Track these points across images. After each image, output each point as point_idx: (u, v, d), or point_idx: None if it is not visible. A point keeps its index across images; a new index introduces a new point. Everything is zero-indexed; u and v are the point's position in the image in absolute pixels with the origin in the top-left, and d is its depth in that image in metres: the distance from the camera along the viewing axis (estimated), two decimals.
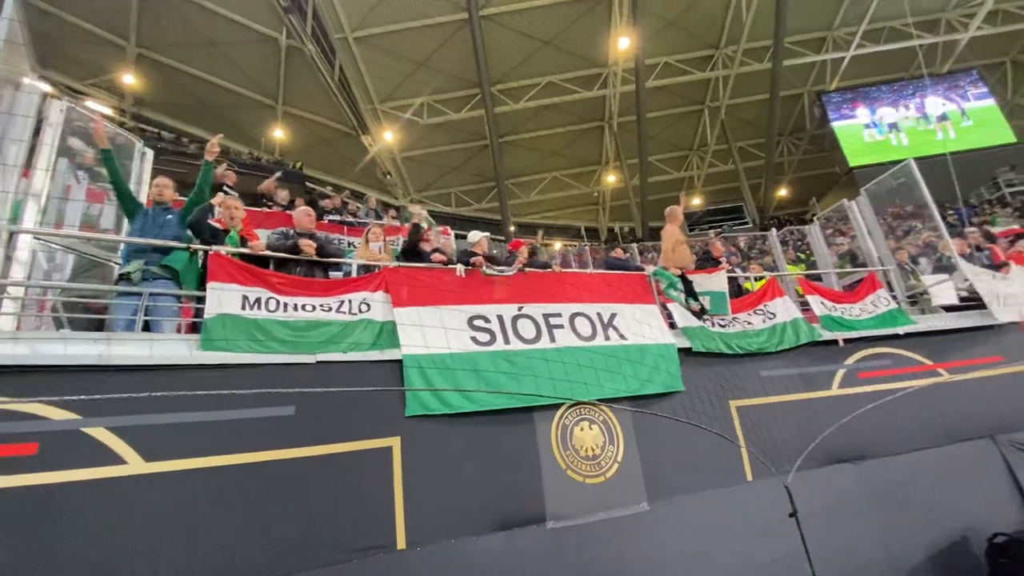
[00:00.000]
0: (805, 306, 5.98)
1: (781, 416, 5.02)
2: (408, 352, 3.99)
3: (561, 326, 4.58)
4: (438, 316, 4.27)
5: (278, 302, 3.79)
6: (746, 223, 25.12)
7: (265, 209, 7.79)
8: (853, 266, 8.06)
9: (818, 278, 7.38)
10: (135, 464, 3.05)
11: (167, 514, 3.08)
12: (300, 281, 4.01)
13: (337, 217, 8.53)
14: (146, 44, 18.50)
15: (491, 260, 4.77)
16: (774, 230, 8.97)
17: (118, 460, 3.03)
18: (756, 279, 6.88)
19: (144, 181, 5.08)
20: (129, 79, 19.20)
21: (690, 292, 5.42)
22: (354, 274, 4.51)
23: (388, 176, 23.32)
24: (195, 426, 3.20)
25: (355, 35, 18.35)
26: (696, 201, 26.36)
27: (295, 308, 3.84)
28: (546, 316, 4.58)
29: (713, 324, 5.30)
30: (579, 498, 4.13)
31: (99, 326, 3.76)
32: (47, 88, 3.40)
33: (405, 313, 4.20)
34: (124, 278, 3.72)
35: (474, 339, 4.27)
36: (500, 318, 4.43)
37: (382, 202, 11.28)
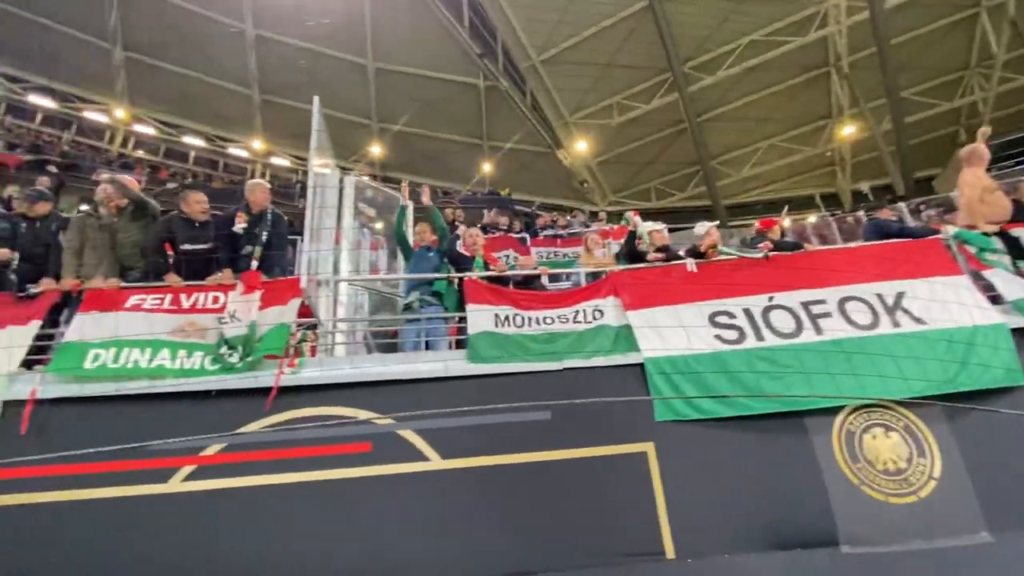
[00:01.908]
0: None
1: None
2: (649, 356, 3.89)
3: (827, 314, 3.89)
4: (675, 316, 4.07)
5: (523, 318, 4.13)
6: None
7: (491, 235, 8.74)
8: None
9: None
10: (436, 461, 3.65)
11: (458, 503, 3.59)
12: (538, 295, 4.30)
13: (551, 232, 9.01)
14: (384, 120, 22.91)
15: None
16: None
17: (423, 457, 3.67)
18: None
19: (408, 228, 6.17)
20: (376, 150, 24.02)
21: (1018, 252, 4.03)
22: (583, 283, 4.64)
23: (585, 184, 23.80)
24: (475, 429, 3.66)
25: (541, 58, 19.40)
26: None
27: (537, 322, 4.13)
28: (805, 304, 3.95)
29: None
30: (882, 521, 3.40)
31: (392, 348, 4.68)
32: (328, 170, 4.50)
33: (638, 316, 4.12)
34: (408, 307, 4.56)
35: (719, 337, 3.94)
36: (747, 312, 3.99)
37: (590, 212, 11.53)
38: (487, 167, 23.67)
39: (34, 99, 21.34)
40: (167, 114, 22.87)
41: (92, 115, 22.16)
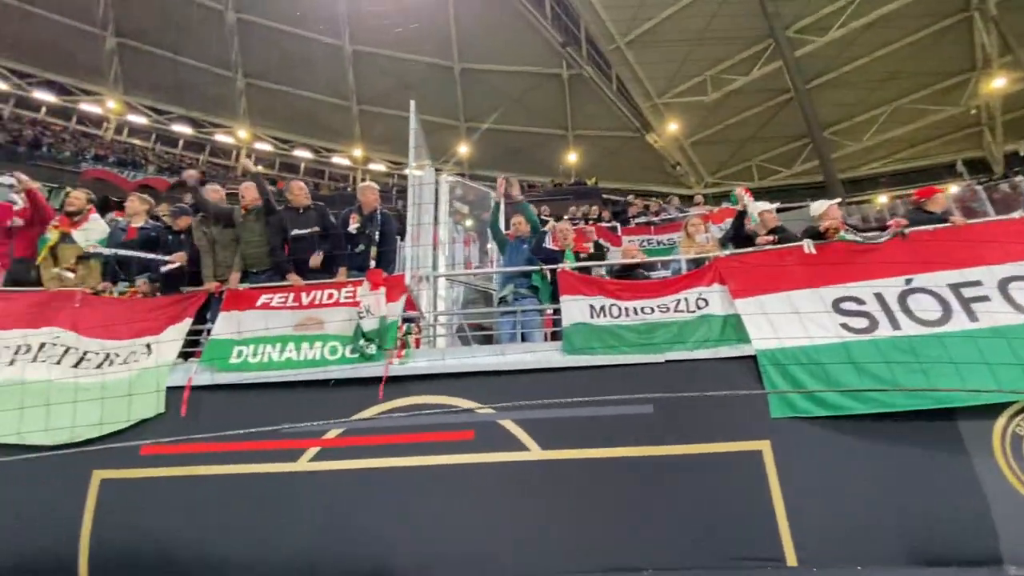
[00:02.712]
0: None
1: None
2: (761, 347, 3.60)
3: (984, 298, 3.33)
4: (790, 303, 3.73)
5: (620, 307, 4.01)
6: None
7: (578, 226, 8.62)
8: None
9: None
10: (535, 451, 3.68)
11: (558, 494, 3.58)
12: (635, 285, 4.16)
13: (643, 219, 8.68)
14: (471, 119, 23.49)
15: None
16: None
17: (523, 447, 3.71)
18: None
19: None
20: (463, 149, 24.73)
21: None
22: (683, 270, 4.40)
23: (678, 167, 22.65)
24: (574, 421, 3.63)
25: (626, 40, 18.72)
26: None
27: (635, 312, 3.99)
28: (954, 287, 3.41)
29: None
30: None
31: (488, 340, 4.79)
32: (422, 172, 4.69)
33: (748, 304, 3.83)
34: (502, 300, 4.64)
35: (845, 326, 3.53)
36: (879, 296, 3.54)
37: (683, 197, 10.95)
38: (572, 157, 23.39)
39: (176, 127, 24.75)
40: (281, 131, 25.35)
41: (221, 137, 25.21)
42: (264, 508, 3.65)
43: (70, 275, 4.22)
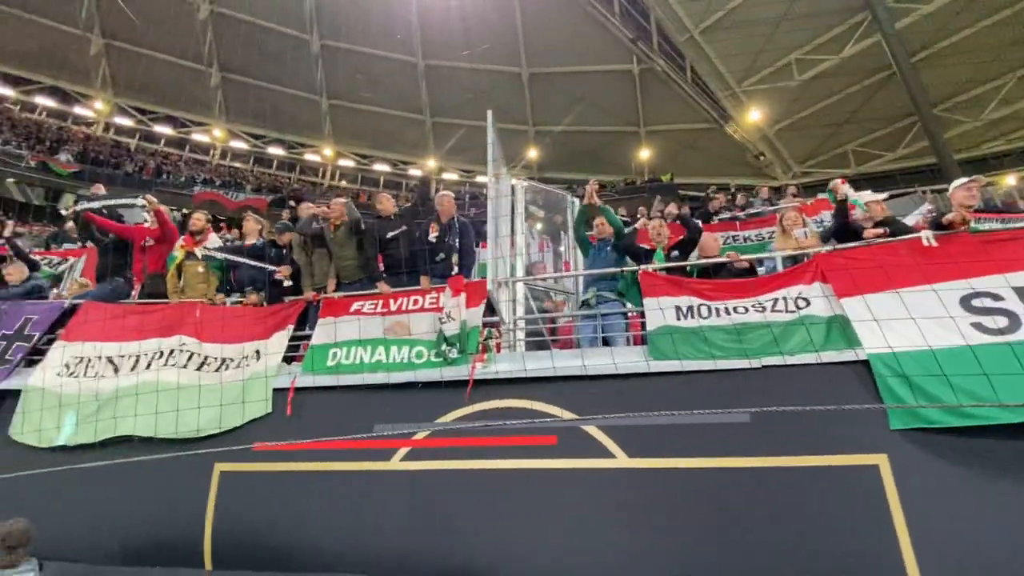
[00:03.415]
0: None
1: None
2: (875, 351, 3.25)
3: None
4: (907, 302, 3.34)
5: (710, 308, 3.81)
6: None
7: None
8: None
9: None
10: (621, 459, 3.58)
11: (645, 504, 3.46)
12: (727, 284, 3.93)
13: (728, 215, 8.21)
14: (539, 122, 23.58)
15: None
16: None
17: (608, 454, 3.63)
18: None
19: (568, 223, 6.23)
20: (532, 153, 24.86)
21: None
22: (779, 268, 4.10)
23: (762, 157, 21.26)
24: (664, 429, 3.49)
25: (700, 29, 17.92)
26: None
27: (727, 312, 3.77)
28: None
29: None
30: None
31: (568, 345, 4.74)
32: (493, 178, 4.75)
33: (857, 304, 3.48)
34: (585, 303, 4.58)
35: (978, 326, 3.11)
36: (1022, 292, 3.08)
37: (772, 188, 10.24)
38: (645, 154, 22.74)
39: (271, 150, 27.09)
40: (362, 147, 26.93)
41: (310, 156, 27.26)
42: (359, 503, 3.86)
43: (201, 285, 4.75)
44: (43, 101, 23.54)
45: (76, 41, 21.90)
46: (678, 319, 3.86)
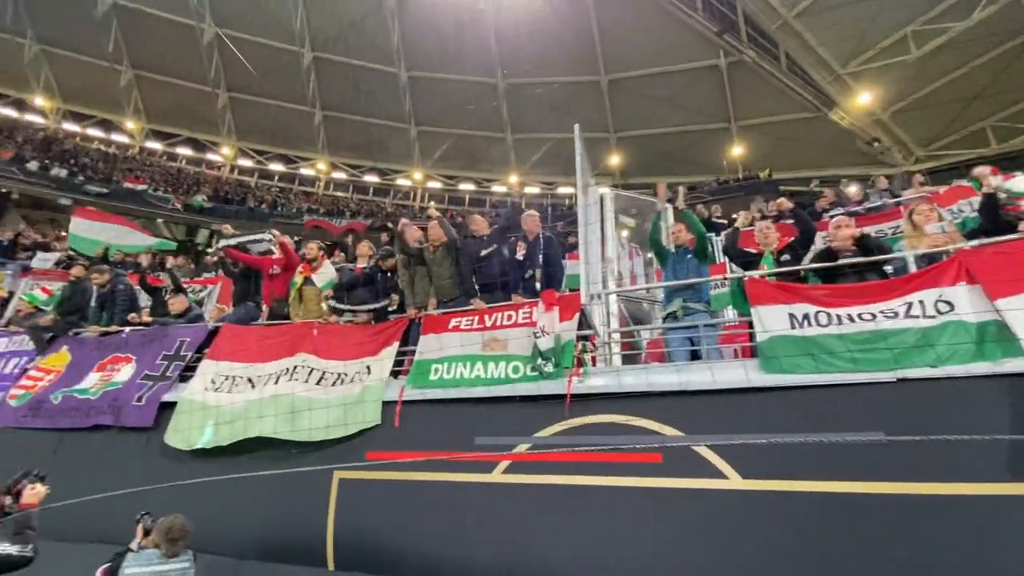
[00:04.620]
0: None
1: None
2: None
3: None
4: None
5: (829, 315, 3.48)
6: None
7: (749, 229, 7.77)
8: None
9: None
10: (735, 480, 3.36)
11: (763, 529, 3.20)
12: (847, 289, 3.57)
13: (840, 210, 7.45)
14: (620, 128, 23.17)
15: None
16: None
17: (719, 474, 3.42)
18: None
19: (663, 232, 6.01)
20: (615, 160, 24.46)
21: None
22: (912, 268, 3.66)
23: (876, 143, 19.12)
24: (783, 448, 3.22)
25: (794, 12, 16.65)
26: None
27: (851, 319, 3.42)
28: None
29: None
30: None
31: (659, 357, 4.56)
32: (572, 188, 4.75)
33: (1016, 304, 2.99)
34: (671, 316, 4.40)
35: None
36: None
37: (888, 177, 9.14)
38: (738, 151, 21.44)
39: (367, 178, 29.27)
40: (448, 169, 28.22)
41: (402, 181, 29.07)
42: (463, 513, 3.97)
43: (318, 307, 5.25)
44: (182, 151, 27.56)
45: (206, 97, 25.36)
46: (793, 327, 3.56)
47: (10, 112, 24.39)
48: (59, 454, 5.12)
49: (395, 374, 4.80)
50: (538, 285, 4.66)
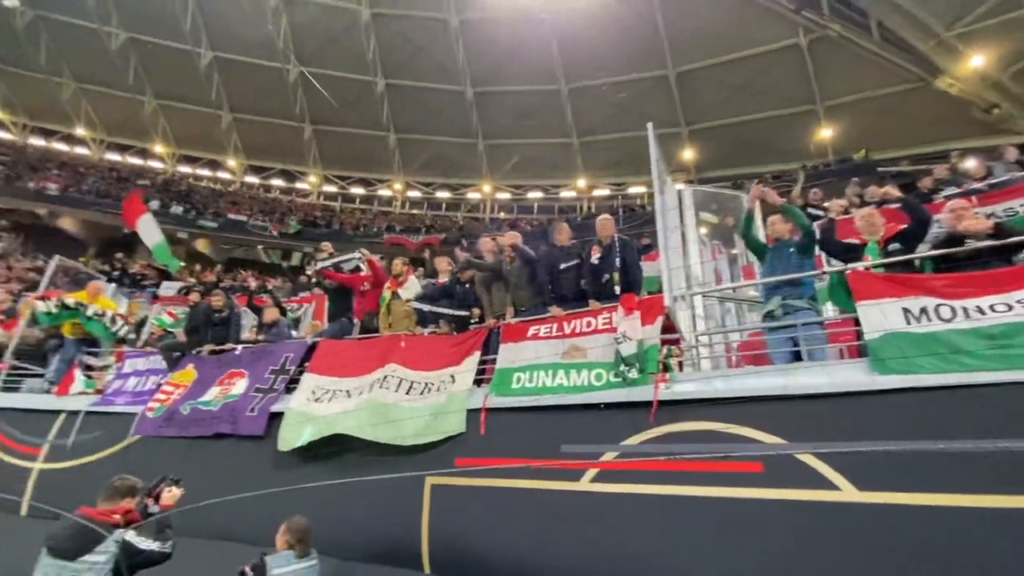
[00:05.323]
0: None
1: None
2: None
3: None
4: None
5: (953, 308, 3.10)
6: None
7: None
8: None
9: None
10: (848, 491, 3.07)
11: (881, 546, 2.89)
12: (976, 278, 3.16)
13: (954, 189, 6.65)
14: (692, 121, 22.25)
15: None
16: None
17: (831, 486, 3.14)
18: None
19: (758, 228, 5.67)
20: (688, 154, 23.50)
21: None
22: None
23: (995, 110, 16.83)
24: (901, 457, 2.92)
25: None
26: None
27: (980, 311, 3.02)
28: None
29: None
30: None
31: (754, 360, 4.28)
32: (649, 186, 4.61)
33: None
34: (769, 315, 4.12)
35: None
36: None
37: (1018, 147, 7.96)
38: (827, 133, 19.78)
39: (439, 194, 30.40)
40: (515, 179, 28.59)
41: (471, 195, 29.86)
42: (551, 521, 3.95)
43: (405, 320, 5.54)
44: (275, 182, 30.31)
45: (294, 131, 27.71)
46: (908, 323, 3.21)
47: (136, 160, 28.48)
48: (188, 459, 5.75)
49: (477, 382, 4.92)
50: (617, 289, 4.57)
